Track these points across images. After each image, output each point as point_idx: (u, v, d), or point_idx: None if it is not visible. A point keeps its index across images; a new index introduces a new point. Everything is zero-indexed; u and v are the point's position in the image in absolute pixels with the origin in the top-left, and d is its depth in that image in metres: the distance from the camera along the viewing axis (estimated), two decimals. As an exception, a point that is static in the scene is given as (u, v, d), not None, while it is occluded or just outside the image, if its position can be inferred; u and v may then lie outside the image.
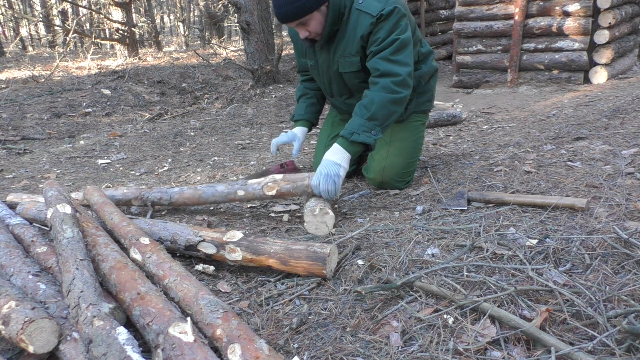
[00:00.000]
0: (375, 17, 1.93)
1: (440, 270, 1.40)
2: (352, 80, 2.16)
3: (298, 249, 1.51)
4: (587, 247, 1.42)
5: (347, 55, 2.06)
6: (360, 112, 1.96)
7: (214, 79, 7.73)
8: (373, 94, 1.95)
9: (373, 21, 1.93)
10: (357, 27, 1.98)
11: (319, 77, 2.29)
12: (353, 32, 2.01)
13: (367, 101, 1.96)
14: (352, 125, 1.95)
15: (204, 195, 2.12)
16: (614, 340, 1.05)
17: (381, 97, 1.93)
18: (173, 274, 1.36)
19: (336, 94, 2.30)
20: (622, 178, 1.90)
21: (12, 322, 1.11)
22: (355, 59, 2.06)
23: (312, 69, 2.29)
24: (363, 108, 1.96)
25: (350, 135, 1.94)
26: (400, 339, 1.17)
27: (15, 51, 14.44)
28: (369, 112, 1.93)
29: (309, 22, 1.95)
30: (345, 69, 2.11)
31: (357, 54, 2.04)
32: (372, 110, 1.93)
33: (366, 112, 1.94)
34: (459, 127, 3.81)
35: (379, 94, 1.94)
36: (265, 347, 1.03)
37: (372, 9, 1.94)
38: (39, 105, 5.93)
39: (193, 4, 17.58)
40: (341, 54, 2.08)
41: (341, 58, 2.09)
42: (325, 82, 2.28)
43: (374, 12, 1.93)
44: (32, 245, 1.68)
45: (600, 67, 5.13)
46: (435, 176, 2.32)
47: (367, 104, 1.95)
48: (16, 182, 3.23)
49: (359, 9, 1.97)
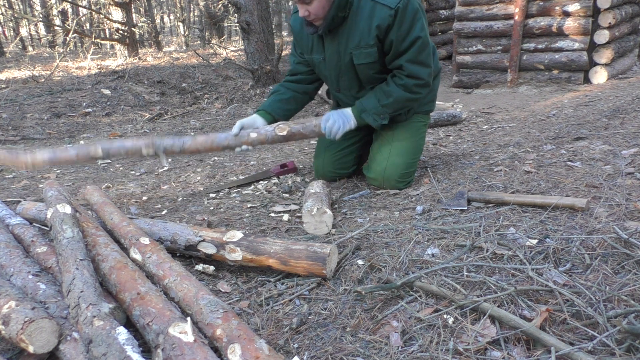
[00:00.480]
0: (393, 9, 1.92)
1: (440, 270, 1.40)
2: (365, 72, 2.14)
3: (298, 249, 1.51)
4: (587, 247, 1.42)
5: (363, 47, 2.04)
6: (379, 95, 2.11)
7: (214, 79, 7.73)
8: (395, 88, 2.08)
9: (391, 13, 1.93)
10: (372, 17, 1.97)
11: (327, 71, 2.25)
12: (368, 22, 1.98)
13: (389, 89, 2.09)
14: (368, 102, 2.13)
15: (217, 140, 2.20)
16: (614, 340, 1.05)
17: (401, 94, 2.08)
18: (173, 274, 1.36)
19: (344, 88, 2.27)
20: (622, 178, 1.90)
21: (12, 322, 1.11)
22: (372, 49, 2.04)
23: (320, 64, 2.24)
24: (382, 93, 2.10)
25: (361, 112, 2.14)
26: (400, 339, 1.17)
27: (15, 51, 14.44)
28: (386, 100, 2.09)
29: (312, 3, 1.93)
30: (360, 60, 2.09)
31: (374, 45, 2.03)
32: (389, 99, 2.09)
33: (384, 98, 2.09)
34: (459, 127, 3.81)
35: (400, 91, 2.08)
36: (265, 347, 1.03)
37: (389, 1, 1.93)
38: (39, 105, 5.93)
39: (193, 4, 17.58)
40: (355, 45, 2.05)
41: (355, 50, 2.06)
42: (333, 76, 2.24)
43: (392, 3, 1.92)
44: (32, 245, 1.68)
45: (600, 67, 5.13)
46: (435, 176, 2.32)
47: (386, 92, 2.09)
48: (16, 182, 3.23)
49: (374, 0, 1.96)
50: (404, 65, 2.02)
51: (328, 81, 2.34)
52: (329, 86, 2.40)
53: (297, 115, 2.51)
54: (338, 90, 2.32)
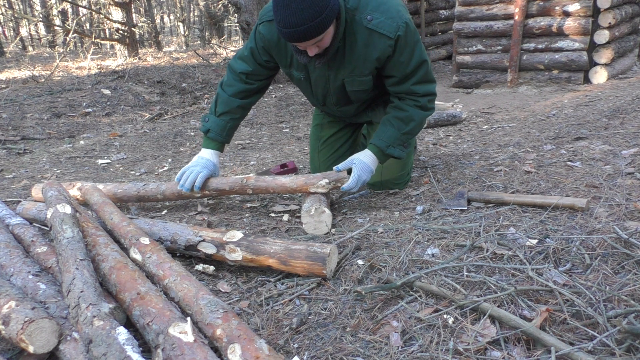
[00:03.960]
0: (393, 40, 1.82)
1: (440, 270, 1.40)
2: (358, 95, 2.08)
3: (298, 249, 1.51)
4: (587, 247, 1.42)
5: (357, 75, 1.96)
6: (397, 125, 1.99)
7: (214, 79, 7.73)
8: (414, 111, 1.99)
9: (391, 43, 1.82)
10: (370, 47, 1.86)
11: (310, 90, 2.14)
12: (364, 52, 1.87)
13: (405, 115, 1.99)
14: (388, 137, 2.00)
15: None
16: (614, 340, 1.05)
17: (421, 115, 2.01)
18: (173, 274, 1.36)
19: (330, 104, 2.20)
20: (622, 178, 1.90)
21: (12, 322, 1.11)
22: (367, 78, 1.97)
23: (301, 81, 2.11)
24: (400, 122, 1.99)
25: (386, 148, 2.00)
26: (400, 339, 1.17)
27: (15, 51, 14.44)
28: (407, 127, 1.99)
29: (324, 38, 1.75)
30: (353, 87, 2.02)
31: (369, 74, 1.96)
32: (410, 126, 1.99)
33: (404, 127, 1.99)
34: (459, 127, 3.81)
35: (419, 112, 2.00)
36: (265, 347, 1.03)
37: (388, 30, 1.80)
38: (39, 105, 5.93)
39: (193, 4, 17.58)
40: (349, 72, 1.95)
41: (349, 77, 1.97)
42: (319, 94, 2.14)
43: (391, 33, 1.80)
44: (32, 245, 1.68)
45: (600, 67, 5.13)
46: (435, 176, 2.32)
47: (405, 119, 1.99)
48: (16, 182, 3.23)
49: (370, 29, 1.82)
50: (414, 88, 1.96)
51: (311, 97, 2.23)
52: (310, 100, 2.29)
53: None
54: (323, 104, 2.23)
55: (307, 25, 1.63)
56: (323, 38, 1.74)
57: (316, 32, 1.67)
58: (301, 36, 1.67)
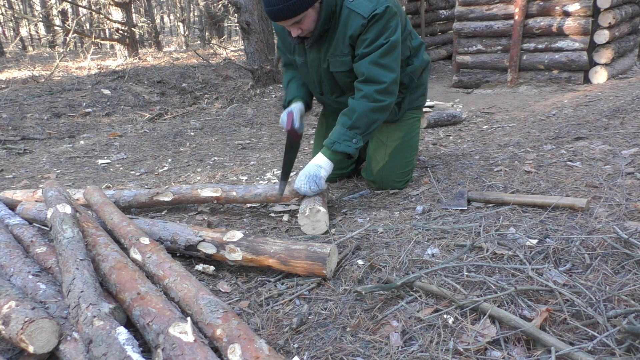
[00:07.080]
0: (367, 19, 1.88)
1: (440, 270, 1.40)
2: (343, 80, 2.12)
3: (298, 249, 1.51)
4: (587, 247, 1.42)
5: (338, 55, 2.02)
6: (342, 121, 2.00)
7: (214, 79, 7.73)
8: (355, 103, 1.98)
9: (364, 22, 1.89)
10: (347, 26, 1.93)
11: (309, 75, 2.22)
12: (343, 31, 1.95)
13: (348, 109, 2.00)
14: (334, 134, 2.01)
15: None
16: (614, 340, 1.05)
17: (363, 106, 1.96)
18: (173, 274, 1.36)
19: (326, 92, 2.24)
20: (622, 178, 1.90)
21: (12, 322, 1.11)
22: (347, 58, 2.01)
23: (301, 66, 2.20)
24: (345, 117, 2.00)
25: (332, 145, 2.00)
26: (400, 339, 1.17)
27: (15, 51, 14.44)
28: (350, 121, 1.97)
29: (303, 20, 1.88)
30: (336, 68, 2.07)
31: (348, 54, 2.00)
32: (353, 118, 1.96)
33: (348, 121, 1.98)
34: (459, 127, 3.81)
35: (361, 103, 1.96)
36: (265, 347, 1.03)
37: (364, 9, 1.88)
38: (39, 105, 5.93)
39: (193, 4, 17.57)
40: (332, 53, 2.02)
41: (332, 57, 2.03)
42: (315, 80, 2.21)
43: (366, 13, 1.87)
44: (32, 246, 1.68)
45: (600, 67, 5.12)
46: (435, 176, 2.32)
47: (348, 113, 1.99)
48: (16, 182, 3.23)
49: (350, 8, 1.90)
50: (365, 67, 1.94)
51: (310, 84, 2.29)
52: (311, 89, 2.34)
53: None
54: (321, 94, 2.28)
55: (283, 5, 1.79)
56: (303, 20, 1.88)
57: (291, 13, 1.82)
58: (277, 15, 1.83)
